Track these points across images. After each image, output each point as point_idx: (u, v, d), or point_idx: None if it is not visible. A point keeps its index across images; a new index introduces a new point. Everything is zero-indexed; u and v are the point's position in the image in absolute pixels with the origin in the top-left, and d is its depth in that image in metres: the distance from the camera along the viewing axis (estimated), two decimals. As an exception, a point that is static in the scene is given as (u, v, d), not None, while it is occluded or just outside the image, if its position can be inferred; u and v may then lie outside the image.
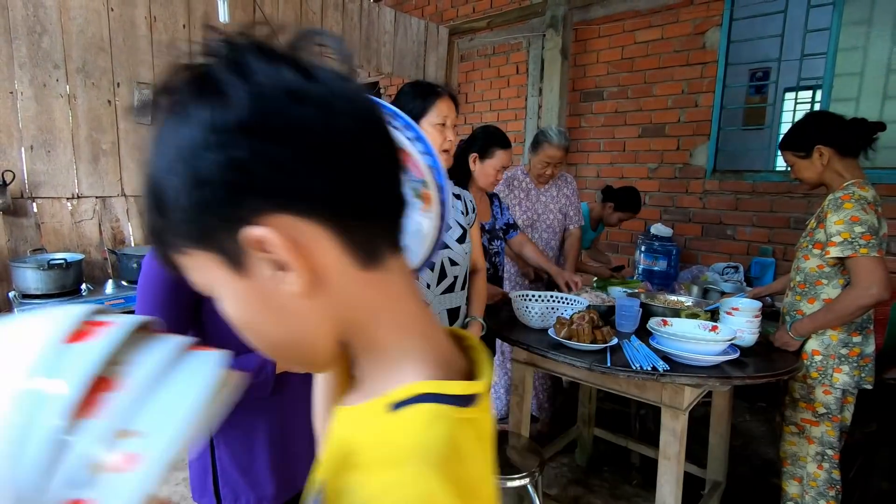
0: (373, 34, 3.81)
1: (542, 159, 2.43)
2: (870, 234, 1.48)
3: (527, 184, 2.56)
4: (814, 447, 1.67)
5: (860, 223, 1.48)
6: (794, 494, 1.75)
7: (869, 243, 1.48)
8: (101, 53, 2.52)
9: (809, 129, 1.66)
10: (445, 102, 1.38)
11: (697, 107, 3.59)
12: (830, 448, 1.65)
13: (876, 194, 1.57)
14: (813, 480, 1.68)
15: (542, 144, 2.43)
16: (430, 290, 1.42)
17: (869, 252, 1.47)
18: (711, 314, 1.78)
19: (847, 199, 1.53)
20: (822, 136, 1.62)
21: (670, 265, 3.40)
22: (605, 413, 3.03)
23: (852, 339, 1.60)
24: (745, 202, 3.43)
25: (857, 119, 1.63)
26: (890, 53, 3.00)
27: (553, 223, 2.58)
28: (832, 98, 3.11)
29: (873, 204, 1.53)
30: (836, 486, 1.66)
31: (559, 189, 2.59)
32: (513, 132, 4.55)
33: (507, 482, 1.48)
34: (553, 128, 2.47)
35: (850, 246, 1.50)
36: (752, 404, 3.13)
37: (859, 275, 1.49)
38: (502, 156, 1.96)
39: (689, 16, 3.56)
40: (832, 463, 1.66)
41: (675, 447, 1.47)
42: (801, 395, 1.68)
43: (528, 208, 2.55)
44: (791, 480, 1.76)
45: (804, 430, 1.69)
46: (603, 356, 1.50)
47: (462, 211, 1.52)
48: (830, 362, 1.61)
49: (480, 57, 4.84)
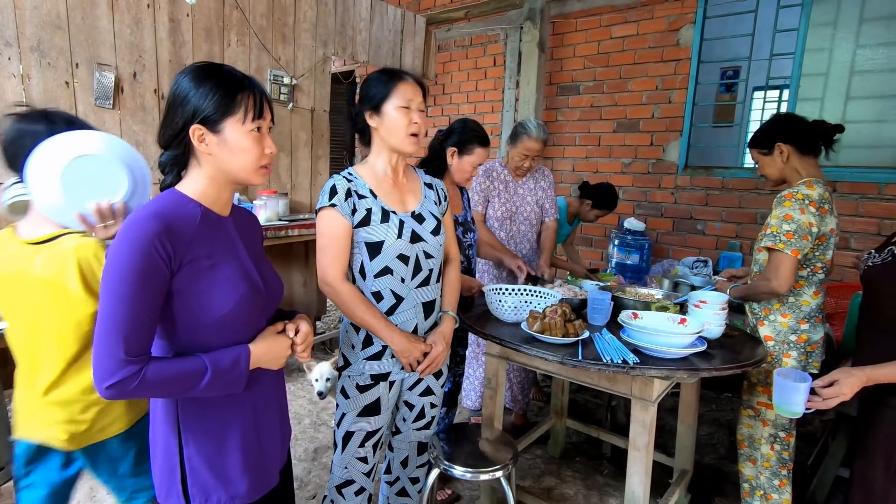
0: (348, 21, 3.73)
1: (521, 152, 2.43)
2: (793, 234, 1.59)
3: (505, 175, 2.55)
4: (768, 429, 1.77)
5: (790, 222, 1.60)
6: (750, 476, 1.85)
7: (789, 241, 1.59)
8: (57, 32, 2.38)
9: (772, 128, 1.76)
10: (409, 86, 1.35)
11: (671, 103, 3.64)
12: (783, 430, 1.75)
13: (824, 193, 1.64)
14: (766, 461, 1.78)
15: (520, 137, 2.43)
16: (405, 284, 1.40)
17: (784, 249, 1.59)
18: (680, 307, 1.81)
19: (790, 197, 1.63)
20: (783, 135, 1.71)
21: (642, 259, 3.47)
22: (578, 404, 3.08)
23: (800, 326, 1.70)
24: (714, 198, 3.51)
25: (818, 121, 1.72)
26: (853, 55, 3.10)
27: (530, 216, 2.58)
28: (799, 97, 3.20)
29: (816, 203, 1.61)
30: (786, 466, 1.77)
31: (536, 182, 2.59)
32: (489, 124, 4.54)
33: (481, 475, 1.48)
34: (532, 120, 2.46)
35: (772, 239, 1.62)
36: (719, 393, 3.23)
37: (769, 266, 1.64)
38: (481, 153, 1.95)
39: (663, 12, 3.60)
40: (783, 444, 1.76)
41: (645, 438, 1.49)
42: (759, 380, 1.77)
43: (506, 200, 2.55)
44: (747, 462, 1.85)
45: (760, 413, 1.79)
46: (575, 349, 1.50)
47: (435, 201, 1.49)
48: (781, 347, 1.71)
49: (458, 48, 4.80)
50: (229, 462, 0.94)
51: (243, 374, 0.90)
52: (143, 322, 0.81)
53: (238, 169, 0.91)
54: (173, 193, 0.91)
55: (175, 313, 0.87)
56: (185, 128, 0.87)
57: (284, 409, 1.11)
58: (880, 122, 3.01)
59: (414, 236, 1.39)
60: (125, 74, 2.64)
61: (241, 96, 0.89)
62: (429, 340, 1.45)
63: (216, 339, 0.89)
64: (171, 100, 0.89)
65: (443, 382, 1.59)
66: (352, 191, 1.36)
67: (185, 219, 0.88)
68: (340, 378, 1.47)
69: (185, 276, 0.85)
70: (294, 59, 3.45)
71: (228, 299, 0.88)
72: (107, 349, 0.79)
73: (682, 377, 1.43)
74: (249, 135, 0.90)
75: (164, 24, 2.77)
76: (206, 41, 2.97)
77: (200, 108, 0.86)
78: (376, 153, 1.43)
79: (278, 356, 0.97)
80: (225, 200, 0.97)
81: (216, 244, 0.91)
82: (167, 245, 0.82)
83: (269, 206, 3.07)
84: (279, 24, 3.33)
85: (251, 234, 1.05)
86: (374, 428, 1.46)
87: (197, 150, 0.89)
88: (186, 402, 0.91)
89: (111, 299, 0.79)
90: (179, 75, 0.90)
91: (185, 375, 0.84)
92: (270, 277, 1.02)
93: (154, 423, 0.96)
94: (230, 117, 0.88)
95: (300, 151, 3.62)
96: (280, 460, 1.08)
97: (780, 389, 1.36)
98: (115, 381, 0.78)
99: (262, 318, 0.99)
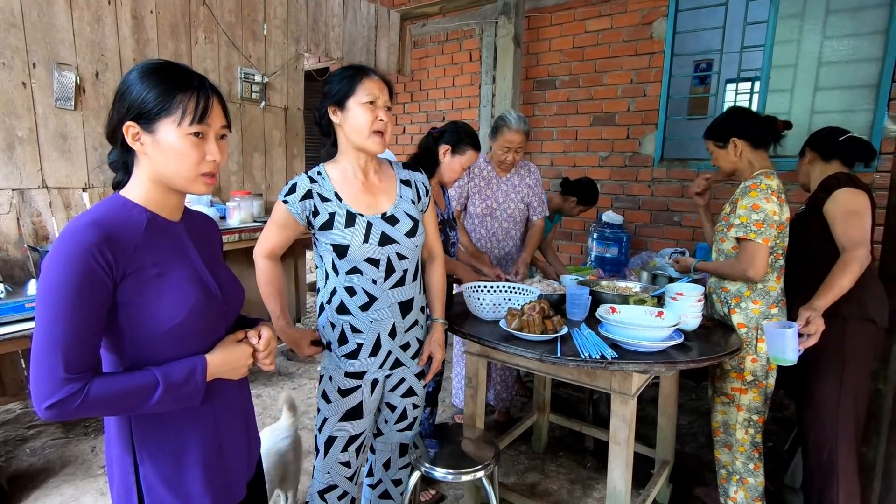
0: (320, 17, 3.66)
1: (503, 144, 2.40)
2: (762, 223, 1.65)
3: (488, 172, 2.53)
4: (742, 414, 1.81)
5: (758, 211, 1.66)
6: (726, 462, 1.89)
7: (759, 230, 1.65)
8: (11, 30, 2.28)
9: (728, 122, 1.83)
10: (373, 82, 1.32)
11: (646, 96, 3.67)
12: (756, 413, 1.81)
13: (780, 183, 1.74)
14: (741, 446, 1.83)
15: (501, 129, 2.40)
16: (377, 286, 1.37)
17: (756, 238, 1.65)
18: (658, 299, 1.82)
19: (754, 187, 1.70)
20: (738, 130, 1.79)
21: (621, 252, 3.49)
22: (561, 399, 3.09)
23: (771, 311, 1.75)
24: (690, 189, 3.54)
25: (769, 117, 1.81)
26: (821, 46, 3.15)
27: (514, 212, 2.56)
28: (769, 89, 3.25)
29: (776, 192, 1.70)
30: (758, 448, 1.83)
31: (521, 178, 2.56)
32: (467, 120, 4.50)
33: (462, 476, 1.46)
34: (512, 112, 2.43)
35: (743, 229, 1.68)
36: (698, 383, 3.27)
37: (742, 254, 1.70)
38: (472, 156, 1.96)
39: (636, 6, 3.62)
40: (756, 427, 1.82)
41: (625, 432, 1.50)
42: (732, 367, 1.82)
43: (487, 196, 2.52)
44: (723, 448, 1.90)
45: (734, 399, 1.83)
46: (554, 346, 1.50)
47: (412, 199, 1.45)
48: (754, 333, 1.76)
49: (433, 43, 4.76)
50: (188, 479, 0.90)
51: (199, 388, 0.86)
52: (83, 337, 0.76)
53: (173, 174, 0.86)
54: (116, 199, 0.86)
55: (122, 325, 0.82)
56: (120, 123, 0.83)
57: (251, 417, 1.07)
58: (848, 111, 3.07)
59: (384, 239, 1.35)
60: (87, 74, 2.54)
61: (183, 96, 0.83)
62: (425, 351, 1.51)
63: (170, 351, 0.85)
64: (114, 95, 0.86)
65: (425, 383, 1.57)
66: (313, 192, 1.34)
67: (128, 226, 0.83)
68: (321, 381, 1.44)
69: (131, 287, 0.81)
70: (265, 57, 3.37)
71: (180, 308, 0.84)
72: (44, 368, 0.74)
73: (661, 370, 1.43)
74: (186, 138, 0.84)
75: (127, 21, 2.67)
76: (171, 39, 2.88)
77: (135, 104, 0.82)
78: (342, 152, 1.39)
79: (238, 366, 0.93)
80: (174, 205, 0.92)
81: (164, 251, 0.87)
82: (107, 254, 0.77)
83: (243, 207, 3.00)
84: (248, 20, 3.25)
85: (206, 239, 1.00)
86: (356, 432, 1.43)
87: (136, 150, 0.85)
88: (140, 417, 0.87)
89: (47, 314, 0.74)
90: (131, 70, 0.86)
91: (134, 391, 0.79)
92: (228, 283, 0.98)
93: (108, 440, 0.91)
94: (166, 117, 0.83)
95: (274, 151, 3.54)
96: (247, 472, 1.04)
97: (772, 339, 1.51)
98: (54, 401, 0.73)
99: (221, 327, 0.94)
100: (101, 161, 2.61)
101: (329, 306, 1.40)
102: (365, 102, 1.30)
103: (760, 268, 1.66)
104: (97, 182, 2.62)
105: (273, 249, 1.43)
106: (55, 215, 2.49)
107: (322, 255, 1.40)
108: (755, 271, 1.66)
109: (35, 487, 2.14)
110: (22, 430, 2.61)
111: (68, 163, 2.52)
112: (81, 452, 2.41)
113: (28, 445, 2.46)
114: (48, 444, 2.48)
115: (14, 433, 2.57)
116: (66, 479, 2.21)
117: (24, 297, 2.05)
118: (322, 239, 1.35)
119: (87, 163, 2.59)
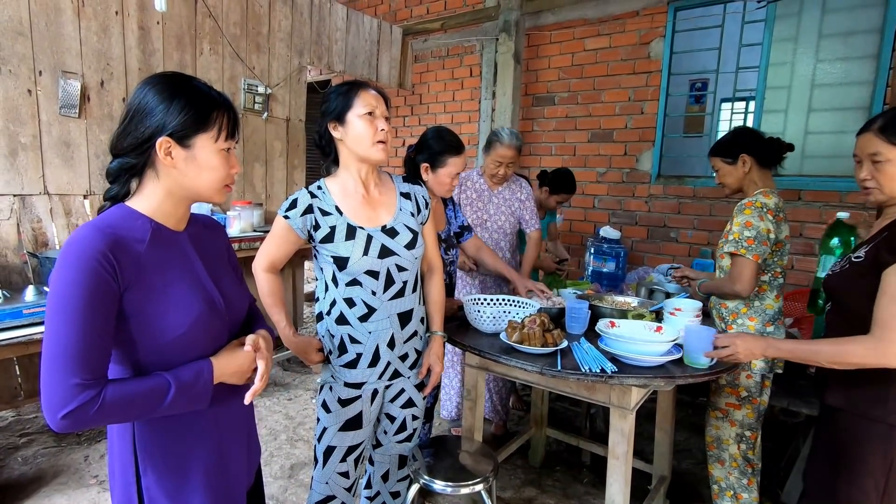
0: (324, 30, 3.71)
1: (495, 159, 2.44)
2: (753, 240, 1.68)
3: (480, 185, 2.56)
4: (735, 429, 1.83)
5: (751, 228, 1.69)
6: (719, 477, 1.90)
7: (750, 247, 1.68)
8: (19, 38, 2.30)
9: (738, 140, 1.85)
10: (369, 94, 1.34)
11: (643, 114, 3.73)
12: (749, 429, 1.82)
13: (779, 202, 1.76)
14: (734, 461, 1.84)
15: (493, 144, 2.45)
16: (376, 297, 1.38)
17: (746, 254, 1.68)
18: (656, 314, 1.83)
19: (749, 205, 1.73)
20: (748, 147, 1.81)
21: (618, 267, 3.51)
22: (558, 413, 3.09)
23: (766, 329, 1.78)
24: (686, 206, 3.59)
25: (774, 138, 1.84)
26: (814, 69, 3.23)
27: (504, 225, 2.58)
28: (764, 109, 3.32)
29: (773, 211, 1.72)
30: (752, 464, 1.84)
31: (512, 192, 2.59)
32: (466, 134, 4.57)
33: (461, 489, 1.46)
34: (505, 129, 2.49)
35: (734, 244, 1.71)
36: (695, 398, 3.28)
37: (732, 270, 1.73)
38: (456, 162, 1.84)
39: (634, 26, 3.69)
40: (749, 443, 1.83)
41: (624, 447, 1.50)
42: (727, 381, 1.84)
43: (479, 208, 2.55)
44: (716, 464, 1.91)
45: (728, 414, 1.85)
46: (554, 359, 1.51)
47: (412, 211, 1.47)
48: None
49: (434, 58, 4.83)
50: (190, 490, 0.90)
51: (208, 388, 0.86)
52: (95, 342, 0.75)
53: (203, 186, 0.89)
54: (122, 209, 0.87)
55: (134, 335, 0.82)
56: (151, 138, 0.84)
57: (252, 428, 1.08)
58: (840, 132, 3.13)
59: (384, 251, 1.37)
60: (92, 82, 2.56)
61: (217, 114, 0.88)
62: (424, 363, 1.52)
63: (175, 359, 0.85)
64: (135, 107, 0.85)
65: (424, 395, 1.57)
66: (314, 207, 1.35)
67: (134, 235, 0.84)
68: (321, 390, 1.44)
69: (137, 297, 0.81)
70: (269, 69, 3.41)
71: (183, 320, 0.85)
72: (57, 376, 0.72)
73: (659, 385, 1.44)
74: (220, 153, 0.89)
75: (134, 31, 2.71)
76: (177, 50, 2.92)
77: (172, 121, 0.83)
78: (344, 167, 1.41)
79: (241, 370, 0.93)
80: (181, 215, 0.93)
81: (168, 262, 0.88)
82: (113, 261, 0.78)
83: (244, 216, 3.01)
84: (253, 32, 3.29)
85: (212, 247, 1.00)
86: (355, 442, 1.43)
87: (159, 162, 0.86)
88: (144, 426, 0.87)
89: (58, 321, 0.74)
90: (146, 84, 0.86)
91: (148, 393, 0.79)
92: (232, 292, 0.98)
93: (111, 450, 0.91)
94: (203, 133, 0.86)
95: (275, 161, 3.57)
96: (247, 481, 1.04)
97: (686, 339, 1.48)
98: (70, 410, 0.72)
99: (224, 335, 0.95)
100: (103, 169, 2.61)
101: (328, 317, 1.41)
102: (364, 114, 1.32)
103: (748, 283, 1.67)
104: (99, 189, 2.63)
105: (273, 263, 1.45)
106: (55, 222, 2.49)
107: (322, 267, 1.41)
108: (742, 286, 1.68)
109: (26, 497, 2.11)
110: (14, 438, 2.57)
111: (70, 170, 2.53)
112: (74, 462, 2.38)
113: (20, 454, 2.43)
114: (40, 452, 2.45)
115: (5, 441, 2.54)
116: (57, 488, 2.18)
117: (22, 303, 2.04)
118: (323, 251, 1.37)
119: (90, 170, 2.60)
